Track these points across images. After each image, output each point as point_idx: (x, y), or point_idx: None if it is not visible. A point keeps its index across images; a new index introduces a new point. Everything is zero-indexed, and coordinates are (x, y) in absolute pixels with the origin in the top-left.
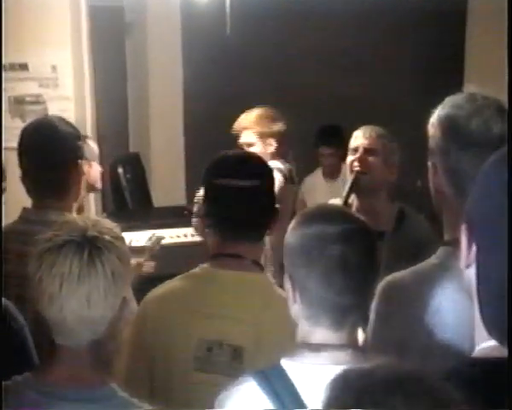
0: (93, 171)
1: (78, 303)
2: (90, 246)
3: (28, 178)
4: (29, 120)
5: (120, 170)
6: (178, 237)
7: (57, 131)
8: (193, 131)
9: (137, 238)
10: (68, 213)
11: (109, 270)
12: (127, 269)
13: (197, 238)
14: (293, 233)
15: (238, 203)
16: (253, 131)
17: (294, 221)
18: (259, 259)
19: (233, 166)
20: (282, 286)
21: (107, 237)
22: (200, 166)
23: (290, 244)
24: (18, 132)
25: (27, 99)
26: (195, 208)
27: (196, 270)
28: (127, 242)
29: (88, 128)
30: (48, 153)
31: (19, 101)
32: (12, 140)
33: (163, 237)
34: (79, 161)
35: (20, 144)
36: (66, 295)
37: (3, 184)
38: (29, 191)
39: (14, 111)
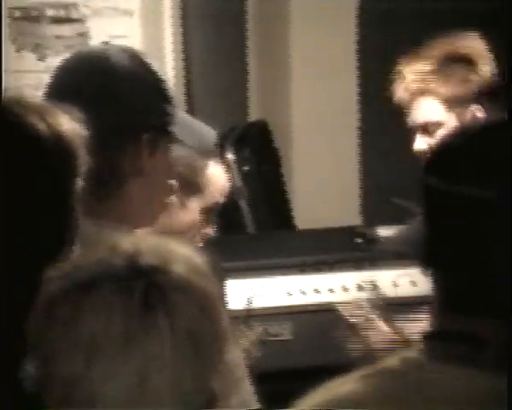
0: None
1: (123, 391)
2: (146, 286)
3: None
4: (55, 55)
5: (231, 156)
6: (346, 290)
7: (123, 78)
8: (372, 101)
9: (263, 292)
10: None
11: (183, 330)
12: (220, 332)
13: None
14: None
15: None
16: (436, 98)
17: None
18: None
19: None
20: None
21: (178, 270)
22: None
23: None
24: (32, 79)
25: (47, 13)
26: (384, 233)
27: (392, 362)
28: (246, 300)
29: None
30: (110, 117)
31: (29, 17)
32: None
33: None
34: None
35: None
36: (98, 378)
37: None
38: None
39: (21, 36)
